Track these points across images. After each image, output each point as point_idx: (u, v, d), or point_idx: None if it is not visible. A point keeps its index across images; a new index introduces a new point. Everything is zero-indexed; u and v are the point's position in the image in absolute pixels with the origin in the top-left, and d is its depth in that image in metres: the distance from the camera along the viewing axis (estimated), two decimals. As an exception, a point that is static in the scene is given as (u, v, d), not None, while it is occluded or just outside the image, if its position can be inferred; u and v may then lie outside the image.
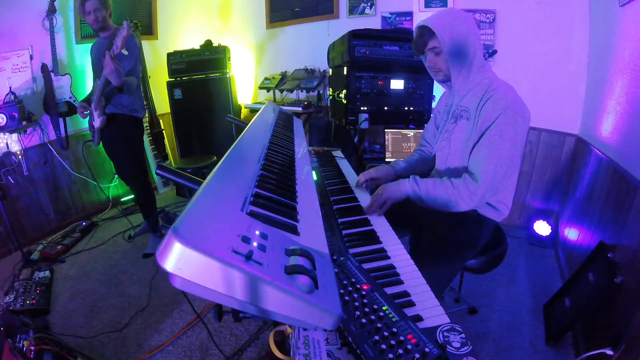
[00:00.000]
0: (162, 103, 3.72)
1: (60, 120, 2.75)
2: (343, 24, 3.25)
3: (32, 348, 1.30)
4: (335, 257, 0.80)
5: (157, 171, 0.80)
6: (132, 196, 3.27)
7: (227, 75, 3.42)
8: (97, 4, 2.07)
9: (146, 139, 3.45)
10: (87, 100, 2.29)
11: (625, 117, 1.70)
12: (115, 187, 3.35)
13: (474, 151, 1.12)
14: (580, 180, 2.23)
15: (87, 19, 2.13)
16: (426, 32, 1.12)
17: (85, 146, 3.01)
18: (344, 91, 2.41)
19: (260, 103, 3.76)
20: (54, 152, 2.84)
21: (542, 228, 2.54)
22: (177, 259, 0.41)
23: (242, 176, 0.78)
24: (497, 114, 1.06)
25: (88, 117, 2.32)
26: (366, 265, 0.87)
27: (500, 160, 1.07)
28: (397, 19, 3.02)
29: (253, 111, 3.73)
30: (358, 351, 0.56)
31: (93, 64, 2.28)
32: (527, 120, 1.08)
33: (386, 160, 1.91)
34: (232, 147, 0.90)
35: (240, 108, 3.74)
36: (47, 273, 2.23)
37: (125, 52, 1.98)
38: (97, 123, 2.23)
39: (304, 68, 3.45)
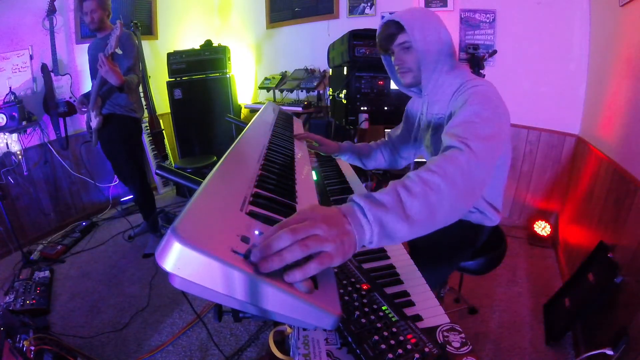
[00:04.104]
0: (162, 103, 3.72)
1: (60, 120, 2.75)
2: (343, 24, 3.24)
3: (32, 348, 1.30)
4: (335, 257, 0.80)
5: (157, 171, 0.80)
6: (132, 196, 3.27)
7: (227, 75, 3.42)
8: (93, 5, 2.07)
9: (146, 139, 3.45)
10: (88, 95, 2.29)
11: (625, 117, 1.70)
12: (115, 187, 3.35)
13: (447, 128, 0.79)
14: (580, 180, 2.23)
15: (84, 19, 2.14)
16: (394, 26, 1.00)
17: (85, 146, 3.02)
18: (344, 91, 2.41)
19: (260, 103, 3.76)
20: (54, 152, 2.84)
21: (542, 228, 2.54)
22: (177, 258, 0.41)
23: (242, 176, 0.78)
24: (472, 92, 0.88)
25: (85, 118, 2.32)
26: (366, 265, 0.87)
27: (488, 120, 0.77)
28: (397, 19, 3.02)
29: (253, 111, 3.73)
30: (358, 351, 0.56)
31: (90, 64, 2.28)
32: (507, 115, 0.87)
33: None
34: (232, 147, 0.89)
35: (240, 108, 3.74)
36: (47, 273, 2.23)
37: (119, 51, 1.98)
38: (94, 124, 2.23)
39: (304, 68, 3.45)
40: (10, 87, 2.55)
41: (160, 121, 3.61)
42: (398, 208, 0.56)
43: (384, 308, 0.64)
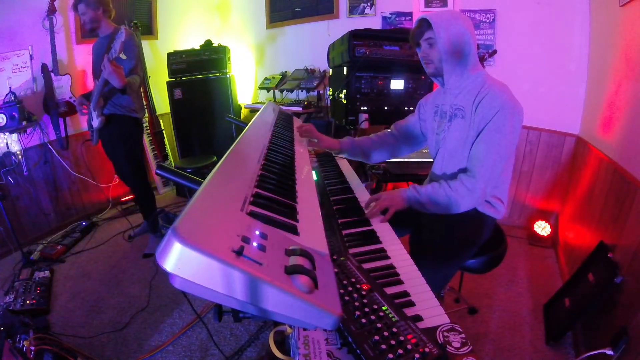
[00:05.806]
0: (162, 103, 3.72)
1: (60, 120, 2.75)
2: (343, 24, 3.24)
3: (32, 348, 1.30)
4: (335, 257, 0.80)
5: (157, 171, 0.80)
6: (132, 196, 3.27)
7: (227, 75, 3.42)
8: (84, 8, 2.07)
9: (146, 139, 3.45)
10: (87, 96, 2.28)
11: (625, 117, 1.70)
12: (115, 187, 3.35)
13: (473, 148, 1.15)
14: (580, 180, 2.23)
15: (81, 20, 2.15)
16: (424, 24, 1.15)
17: (85, 146, 3.02)
18: (344, 91, 2.41)
19: (260, 103, 3.76)
20: (54, 152, 2.84)
21: (542, 228, 2.54)
22: (177, 259, 0.41)
23: (242, 176, 0.78)
24: (495, 110, 1.09)
25: (87, 116, 2.32)
26: (366, 265, 0.87)
27: (499, 155, 1.11)
28: (397, 19, 3.02)
29: (253, 111, 3.72)
30: (358, 351, 0.56)
31: (93, 64, 2.28)
32: (522, 116, 1.12)
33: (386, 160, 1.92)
34: (232, 147, 0.90)
35: (240, 108, 3.74)
36: (47, 273, 2.23)
37: (123, 56, 1.98)
38: (95, 123, 2.23)
39: (304, 68, 3.45)
40: (10, 87, 2.55)
41: (160, 121, 3.61)
42: (427, 194, 1.17)
43: (384, 308, 0.64)
